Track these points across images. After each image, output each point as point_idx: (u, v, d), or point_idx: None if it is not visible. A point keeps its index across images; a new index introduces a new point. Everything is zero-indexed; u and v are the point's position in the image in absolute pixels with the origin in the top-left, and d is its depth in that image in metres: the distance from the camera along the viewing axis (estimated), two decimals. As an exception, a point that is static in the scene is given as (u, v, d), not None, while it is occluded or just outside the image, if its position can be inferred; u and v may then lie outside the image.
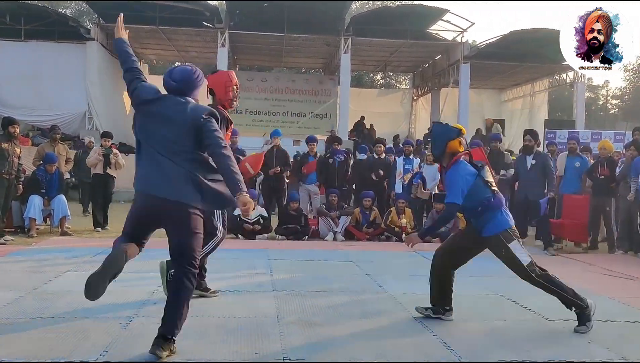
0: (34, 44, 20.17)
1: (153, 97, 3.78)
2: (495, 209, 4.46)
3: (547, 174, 8.96)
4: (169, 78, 3.84)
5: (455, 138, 4.52)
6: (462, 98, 21.24)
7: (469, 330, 4.46)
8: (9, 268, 6.46)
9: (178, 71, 3.88)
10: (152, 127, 3.67)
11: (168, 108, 3.70)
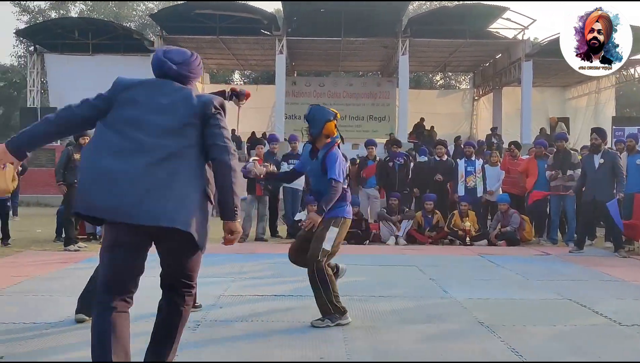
0: (100, 58, 21.02)
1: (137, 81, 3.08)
2: (346, 201, 4.71)
3: (617, 173, 8.62)
4: (164, 58, 3.12)
5: (332, 119, 4.60)
6: (524, 97, 20.75)
7: (537, 335, 4.34)
8: (83, 274, 6.69)
9: (176, 52, 3.14)
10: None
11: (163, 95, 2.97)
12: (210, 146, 2.88)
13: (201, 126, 2.90)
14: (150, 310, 3.37)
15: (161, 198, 2.71)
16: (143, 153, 2.72)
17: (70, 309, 4.94)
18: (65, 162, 8.68)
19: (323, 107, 4.76)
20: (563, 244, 9.78)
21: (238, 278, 6.46)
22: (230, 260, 7.66)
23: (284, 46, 20.36)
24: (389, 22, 20.77)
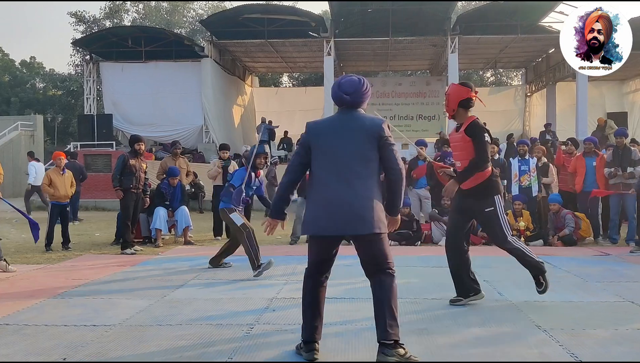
0: (153, 65, 21.53)
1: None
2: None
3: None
4: (339, 91, 3.90)
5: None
6: (580, 92, 20.13)
7: (597, 339, 4.20)
8: (140, 276, 6.90)
9: (348, 83, 3.92)
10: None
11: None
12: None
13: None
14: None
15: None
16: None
17: (129, 311, 5.08)
18: (121, 168, 8.92)
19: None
20: (623, 244, 9.43)
21: (290, 281, 6.49)
22: (282, 262, 7.70)
23: (332, 48, 20.39)
24: (437, 20, 20.54)
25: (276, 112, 24.76)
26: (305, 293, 3.88)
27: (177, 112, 21.27)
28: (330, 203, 3.70)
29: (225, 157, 10.81)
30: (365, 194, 3.69)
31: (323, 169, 3.78)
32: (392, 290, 3.72)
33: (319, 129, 3.88)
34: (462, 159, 5.23)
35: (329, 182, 3.74)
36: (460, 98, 5.23)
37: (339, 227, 3.70)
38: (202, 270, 7.24)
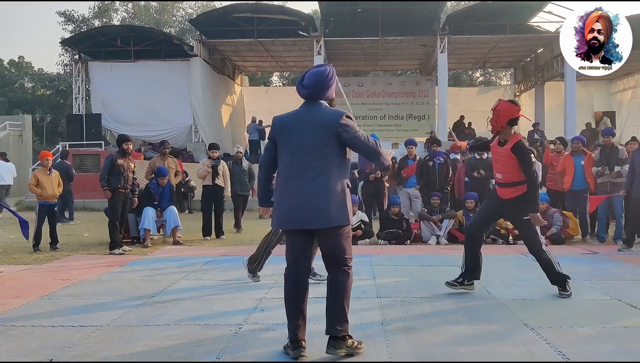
0: (142, 64, 21.44)
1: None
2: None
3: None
4: (299, 84, 3.97)
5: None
6: (568, 91, 20.24)
7: (585, 337, 4.22)
8: (128, 277, 6.86)
9: (309, 75, 3.95)
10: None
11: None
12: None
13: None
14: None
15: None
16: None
17: (117, 311, 5.06)
18: (109, 168, 8.87)
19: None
20: (611, 242, 9.49)
21: (279, 280, 6.40)
22: (271, 262, 7.67)
23: (321, 47, 20.38)
24: (426, 21, 20.59)
25: (266, 112, 24.65)
26: (285, 291, 3.90)
27: (166, 111, 21.19)
28: (292, 197, 3.76)
29: (215, 156, 10.79)
30: (324, 188, 3.71)
31: (285, 164, 3.85)
32: (345, 287, 3.79)
33: (283, 123, 3.93)
34: (504, 172, 5.56)
35: (290, 177, 3.80)
36: (510, 116, 5.57)
37: (302, 221, 3.75)
38: (190, 270, 7.21)
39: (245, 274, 6.47)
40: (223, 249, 9.15)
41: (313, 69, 4.01)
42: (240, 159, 11.52)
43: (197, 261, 7.87)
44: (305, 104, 3.96)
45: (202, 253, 8.79)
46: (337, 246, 3.79)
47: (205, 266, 7.54)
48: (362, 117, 24.57)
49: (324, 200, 3.71)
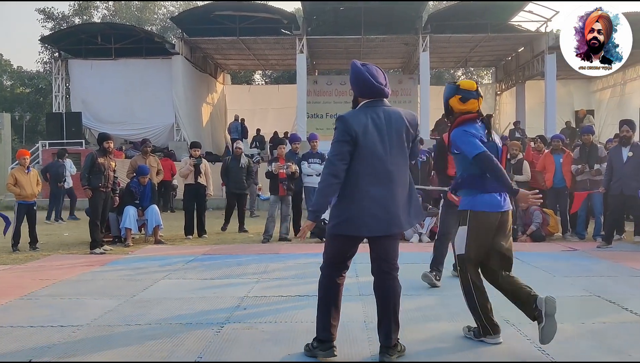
0: (123, 62, 21.25)
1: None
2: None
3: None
4: (376, 82, 3.71)
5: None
6: (548, 90, 20.44)
7: (564, 333, 4.26)
8: (109, 276, 6.80)
9: (379, 74, 3.77)
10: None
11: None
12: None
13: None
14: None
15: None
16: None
17: (97, 311, 5.01)
18: (89, 166, 8.79)
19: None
20: (591, 239, 9.60)
21: (262, 279, 6.48)
22: (254, 261, 7.68)
23: (304, 45, 20.35)
24: (408, 19, 20.65)
25: (249, 110, 24.68)
26: (321, 290, 3.92)
27: (148, 110, 21.03)
28: (381, 206, 3.60)
29: (197, 155, 10.73)
30: (406, 192, 3.73)
31: (371, 171, 3.60)
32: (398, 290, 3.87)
33: (364, 123, 3.60)
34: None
35: (375, 181, 3.59)
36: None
37: (384, 227, 3.64)
38: (172, 269, 7.17)
39: (227, 272, 6.45)
40: (205, 248, 9.11)
41: (371, 66, 3.77)
42: (240, 155, 11.34)
43: (179, 260, 7.83)
44: (375, 103, 3.74)
45: (184, 252, 8.74)
46: (394, 250, 3.81)
47: (187, 265, 7.50)
48: (345, 116, 24.61)
49: (404, 203, 3.70)
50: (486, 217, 3.91)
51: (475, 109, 4.06)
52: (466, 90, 4.07)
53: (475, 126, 3.99)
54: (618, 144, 8.86)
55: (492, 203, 3.90)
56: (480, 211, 3.92)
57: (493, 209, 3.91)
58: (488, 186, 3.89)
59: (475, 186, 3.95)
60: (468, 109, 4.04)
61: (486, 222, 3.92)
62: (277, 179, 9.85)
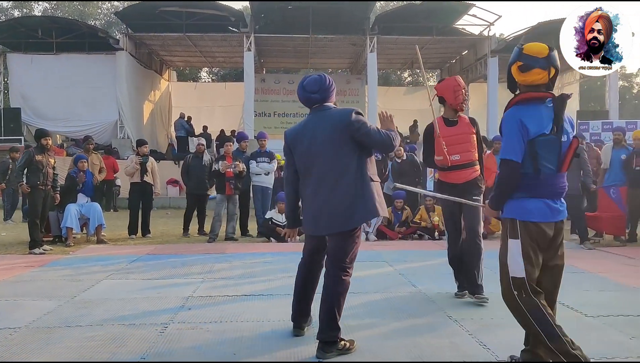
0: (65, 57, 20.62)
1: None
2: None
3: (583, 166, 8.73)
4: (305, 92, 3.94)
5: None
6: (490, 93, 20.99)
7: (505, 328, 4.39)
8: (49, 277, 6.60)
9: (311, 82, 3.93)
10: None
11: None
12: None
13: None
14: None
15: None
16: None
17: (36, 312, 4.86)
18: (25, 163, 8.51)
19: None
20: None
21: (207, 279, 6.41)
22: (199, 261, 7.60)
23: (252, 43, 20.24)
24: (356, 20, 20.81)
25: (195, 108, 24.33)
26: (297, 279, 4.23)
27: (90, 106, 20.47)
28: (316, 208, 3.85)
29: (144, 153, 10.52)
30: (348, 192, 3.76)
31: (306, 175, 3.90)
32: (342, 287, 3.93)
33: (295, 133, 3.97)
34: (462, 152, 5.20)
35: (314, 184, 3.84)
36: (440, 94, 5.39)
37: (322, 227, 3.86)
38: (115, 269, 7.01)
39: (171, 272, 6.36)
40: (149, 248, 8.95)
41: (310, 77, 3.99)
42: (202, 153, 10.73)
43: (122, 260, 7.67)
44: (314, 111, 3.96)
45: (128, 251, 8.57)
46: (339, 249, 3.87)
47: (130, 265, 7.36)
48: (293, 115, 24.59)
49: (347, 204, 3.75)
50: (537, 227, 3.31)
51: (542, 81, 3.33)
52: (531, 56, 3.34)
53: (538, 109, 3.29)
54: None
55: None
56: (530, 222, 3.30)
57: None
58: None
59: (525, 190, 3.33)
60: (530, 81, 3.34)
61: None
62: (224, 178, 9.77)
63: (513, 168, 3.21)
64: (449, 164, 5.17)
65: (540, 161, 3.21)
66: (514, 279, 3.29)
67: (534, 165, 3.22)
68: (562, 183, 3.36)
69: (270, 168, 10.34)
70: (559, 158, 3.26)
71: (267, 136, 10.79)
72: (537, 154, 3.20)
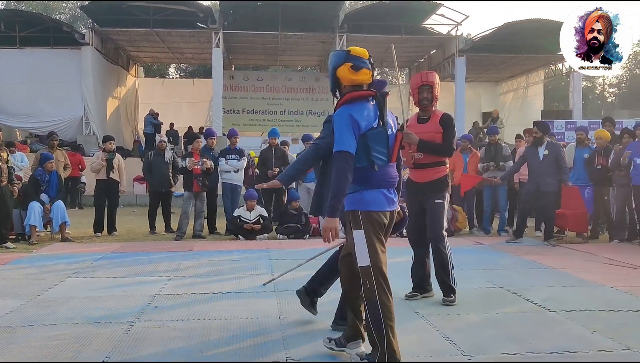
0: (29, 51, 20.15)
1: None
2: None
3: (560, 165, 8.89)
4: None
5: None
6: (458, 92, 21.24)
7: (470, 323, 4.46)
8: (11, 275, 6.46)
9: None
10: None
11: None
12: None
13: None
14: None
15: None
16: None
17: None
18: None
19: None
20: (496, 234, 10.07)
21: (174, 277, 6.35)
22: (166, 259, 7.52)
23: (220, 40, 20.09)
24: (326, 18, 20.83)
25: (162, 104, 24.05)
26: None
27: (55, 102, 20.05)
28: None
29: (110, 149, 10.35)
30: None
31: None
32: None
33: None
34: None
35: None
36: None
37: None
38: (79, 267, 6.89)
39: (137, 270, 6.28)
40: (115, 245, 8.82)
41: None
42: (164, 149, 10.58)
43: (87, 258, 7.54)
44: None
45: (93, 250, 8.43)
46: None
47: (95, 263, 7.24)
48: (262, 112, 24.54)
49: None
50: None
51: (368, 80, 3.56)
52: (359, 57, 3.56)
53: (366, 107, 3.45)
54: (534, 144, 9.23)
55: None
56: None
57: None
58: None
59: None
60: (360, 80, 3.52)
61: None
62: (191, 175, 9.68)
63: (347, 159, 3.30)
64: (411, 162, 5.18)
65: (372, 153, 3.37)
66: (361, 268, 3.42)
67: (368, 158, 3.38)
68: (394, 173, 3.57)
69: (240, 165, 10.29)
70: (388, 149, 3.45)
71: (238, 133, 10.72)
72: (369, 148, 3.36)
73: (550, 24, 20.28)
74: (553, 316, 4.66)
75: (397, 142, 3.54)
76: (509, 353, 3.74)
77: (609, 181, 9.45)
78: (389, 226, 3.57)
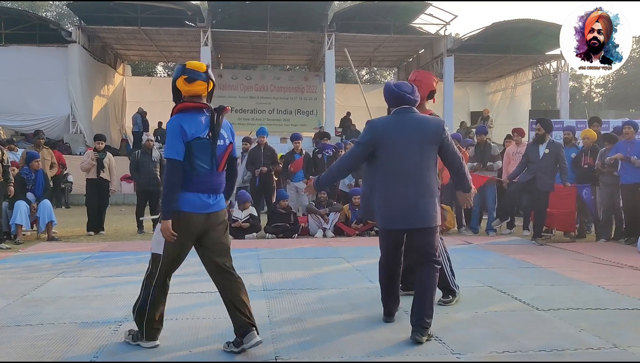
0: (15, 49, 19.98)
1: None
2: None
3: (560, 164, 8.93)
4: (399, 90, 4.23)
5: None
6: (446, 91, 21.29)
7: (459, 322, 4.47)
8: (-4, 275, 6.39)
9: (404, 84, 4.29)
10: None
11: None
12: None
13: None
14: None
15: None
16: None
17: (-18, 313, 4.69)
18: None
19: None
20: (484, 233, 10.11)
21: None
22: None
23: (208, 38, 20.03)
24: (314, 17, 20.83)
25: (150, 103, 23.90)
26: (383, 277, 4.42)
27: (41, 100, 19.89)
28: (399, 200, 4.11)
29: (101, 148, 10.27)
30: (432, 191, 4.16)
31: (390, 168, 4.13)
32: (435, 280, 4.18)
33: (387, 128, 4.17)
34: None
35: (396, 181, 4.10)
36: (430, 88, 5.27)
37: (415, 222, 4.12)
38: (67, 267, 6.83)
39: (125, 269, 6.24)
40: (102, 245, 8.76)
41: (399, 81, 4.39)
42: (151, 148, 10.47)
43: (74, 257, 7.48)
44: (404, 110, 4.20)
45: (80, 249, 8.36)
46: (427, 243, 4.16)
47: (82, 262, 7.18)
48: (251, 111, 24.47)
49: (429, 202, 4.13)
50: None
51: (202, 92, 3.85)
52: (193, 70, 3.81)
53: (195, 118, 3.74)
54: (535, 141, 9.24)
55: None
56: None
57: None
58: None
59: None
60: (194, 91, 3.79)
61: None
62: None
63: (175, 165, 3.64)
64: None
65: (194, 160, 3.68)
66: (153, 254, 3.94)
67: (190, 164, 3.68)
68: (219, 180, 3.84)
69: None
70: (213, 158, 3.74)
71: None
72: (192, 155, 3.67)
73: (539, 24, 20.45)
74: (541, 315, 4.68)
75: (227, 153, 3.83)
76: (498, 352, 3.75)
77: (595, 180, 9.51)
78: (210, 227, 3.85)
